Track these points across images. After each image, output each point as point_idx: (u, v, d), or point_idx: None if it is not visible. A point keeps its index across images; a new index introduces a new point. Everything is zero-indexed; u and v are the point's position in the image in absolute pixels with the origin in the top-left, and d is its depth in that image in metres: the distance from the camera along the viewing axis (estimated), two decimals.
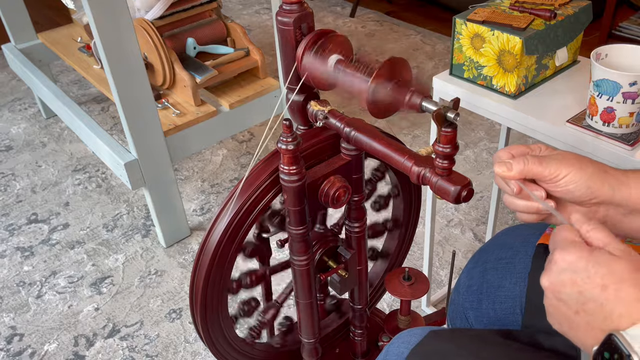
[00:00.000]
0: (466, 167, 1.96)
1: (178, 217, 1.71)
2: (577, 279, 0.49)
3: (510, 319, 0.79)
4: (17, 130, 2.34)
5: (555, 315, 0.52)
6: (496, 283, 0.81)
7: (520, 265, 0.80)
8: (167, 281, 1.62)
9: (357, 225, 0.94)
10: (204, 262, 0.84)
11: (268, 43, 2.84)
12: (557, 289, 0.50)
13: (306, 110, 0.84)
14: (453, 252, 1.04)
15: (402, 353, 0.68)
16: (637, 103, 0.86)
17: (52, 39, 2.11)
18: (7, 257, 1.74)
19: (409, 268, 1.01)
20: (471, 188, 0.69)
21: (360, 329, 1.07)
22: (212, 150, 2.15)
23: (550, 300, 0.52)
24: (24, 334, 1.50)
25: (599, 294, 0.48)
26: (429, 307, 1.48)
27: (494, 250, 0.85)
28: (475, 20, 1.01)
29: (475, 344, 0.67)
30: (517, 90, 1.01)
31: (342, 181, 0.83)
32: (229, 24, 1.81)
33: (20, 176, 2.08)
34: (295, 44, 0.78)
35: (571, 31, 1.04)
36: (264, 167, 0.82)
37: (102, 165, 2.09)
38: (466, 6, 1.09)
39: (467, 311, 0.85)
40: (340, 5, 3.25)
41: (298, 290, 0.92)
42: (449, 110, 0.64)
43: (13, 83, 2.67)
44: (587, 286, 0.49)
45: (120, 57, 1.37)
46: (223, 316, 0.91)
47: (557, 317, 0.52)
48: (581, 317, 0.49)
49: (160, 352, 1.42)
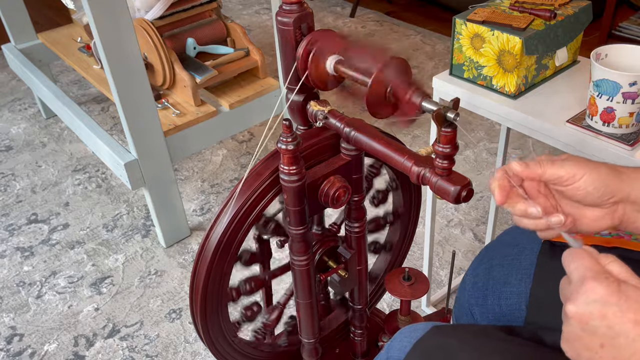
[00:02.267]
0: (466, 167, 1.96)
1: (178, 217, 1.71)
2: (609, 313, 0.48)
3: (515, 315, 0.80)
4: (17, 130, 2.34)
5: (575, 344, 0.51)
6: (502, 279, 0.81)
7: (526, 262, 0.80)
8: (167, 281, 1.62)
9: (357, 225, 0.94)
10: (204, 262, 0.84)
11: (268, 43, 2.84)
12: (585, 319, 0.49)
13: (306, 110, 0.84)
14: (453, 252, 1.04)
15: (405, 347, 0.68)
16: (637, 103, 0.86)
17: (52, 39, 2.11)
18: (7, 257, 1.74)
19: (409, 268, 1.01)
20: (471, 188, 0.69)
21: (360, 329, 1.07)
22: (212, 150, 2.15)
23: (573, 328, 0.50)
24: (24, 334, 1.50)
25: (631, 329, 0.47)
26: (429, 307, 1.48)
27: (500, 247, 0.85)
28: (475, 20, 1.01)
29: (478, 339, 0.67)
30: (517, 90, 1.01)
31: (342, 181, 0.83)
32: (229, 24, 1.81)
33: (20, 176, 2.08)
34: (295, 44, 0.78)
35: (571, 31, 1.04)
36: (264, 167, 0.82)
37: (102, 165, 2.09)
38: (466, 6, 1.09)
39: (472, 307, 0.85)
40: (340, 5, 3.25)
41: (298, 290, 0.92)
42: (449, 110, 0.64)
43: (13, 83, 2.67)
44: (618, 320, 0.48)
45: (120, 57, 1.37)
46: (223, 316, 0.91)
47: (577, 347, 0.51)
48: (606, 350, 0.49)
49: (160, 352, 1.42)
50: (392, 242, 1.12)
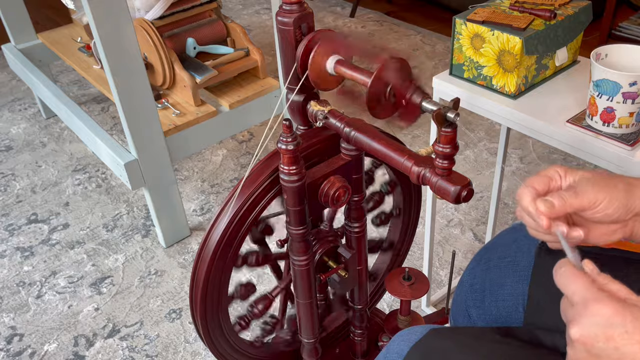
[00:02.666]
0: (466, 167, 1.96)
1: (178, 217, 1.71)
2: (614, 334, 0.47)
3: (512, 317, 0.80)
4: (17, 130, 2.34)
5: None
6: (499, 281, 0.81)
7: (523, 263, 0.80)
8: (167, 281, 1.62)
9: (357, 225, 0.94)
10: (204, 262, 0.84)
11: (268, 43, 2.84)
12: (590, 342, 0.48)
13: (306, 110, 0.84)
14: (453, 252, 1.04)
15: (403, 351, 0.68)
16: (637, 103, 0.86)
17: (52, 39, 2.11)
18: (7, 257, 1.74)
19: (409, 268, 1.01)
20: (471, 188, 0.69)
21: (360, 329, 1.07)
22: (212, 150, 2.15)
23: (579, 352, 0.50)
24: (24, 334, 1.50)
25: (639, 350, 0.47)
26: (429, 307, 1.48)
27: (497, 248, 0.85)
28: (475, 20, 1.01)
29: (476, 342, 0.67)
30: (517, 90, 1.01)
31: (342, 181, 0.83)
32: (229, 24, 1.81)
33: (20, 176, 2.08)
34: (295, 44, 0.78)
35: (571, 31, 1.04)
36: (264, 167, 0.83)
37: (102, 166, 2.09)
38: (466, 6, 1.09)
39: (469, 309, 0.85)
40: (340, 5, 3.25)
41: (298, 290, 0.92)
42: (449, 110, 0.64)
43: (13, 83, 2.67)
44: (624, 342, 0.47)
45: (120, 57, 1.37)
46: (223, 316, 0.91)
47: None
48: None
49: (160, 352, 1.42)
50: (394, 241, 1.12)
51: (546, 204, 0.60)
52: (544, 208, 0.60)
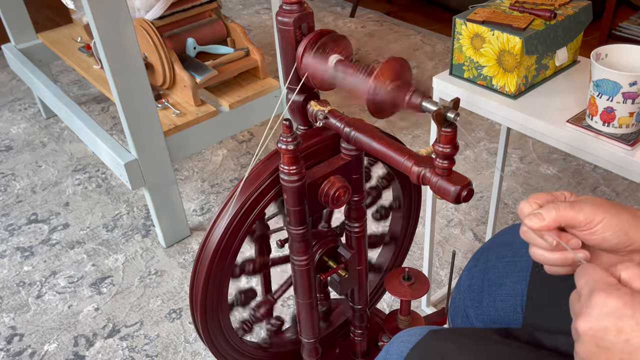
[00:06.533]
0: (466, 167, 1.96)
1: (178, 217, 1.71)
2: (624, 326, 0.46)
3: (511, 317, 0.79)
4: (17, 130, 2.34)
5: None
6: (497, 281, 0.81)
7: (521, 263, 0.80)
8: (167, 281, 1.62)
9: (357, 225, 0.94)
10: (204, 262, 0.84)
11: (268, 43, 2.84)
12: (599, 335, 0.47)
13: (306, 110, 0.84)
14: (453, 252, 1.04)
15: (402, 352, 0.68)
16: (637, 103, 0.86)
17: (52, 39, 2.11)
18: (7, 257, 1.74)
19: (409, 268, 1.01)
20: (471, 188, 0.69)
21: (360, 329, 1.07)
22: (212, 150, 2.15)
23: (587, 346, 0.48)
24: (24, 334, 1.50)
25: None
26: (429, 307, 1.48)
27: (496, 248, 0.85)
28: (475, 20, 1.01)
29: (475, 343, 0.67)
30: (517, 90, 1.01)
31: (342, 181, 0.83)
32: (229, 24, 1.81)
33: (20, 176, 2.08)
34: (295, 44, 0.78)
35: (571, 31, 1.04)
36: (264, 167, 0.82)
37: (102, 166, 2.09)
38: (466, 6, 1.09)
39: (468, 309, 0.85)
40: (340, 5, 3.25)
41: (298, 290, 0.92)
42: (449, 110, 0.64)
43: (13, 83, 2.67)
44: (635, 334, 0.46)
45: (120, 57, 1.37)
46: (223, 316, 0.91)
47: None
48: None
49: (160, 352, 1.42)
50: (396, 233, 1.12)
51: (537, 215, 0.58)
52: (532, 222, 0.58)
